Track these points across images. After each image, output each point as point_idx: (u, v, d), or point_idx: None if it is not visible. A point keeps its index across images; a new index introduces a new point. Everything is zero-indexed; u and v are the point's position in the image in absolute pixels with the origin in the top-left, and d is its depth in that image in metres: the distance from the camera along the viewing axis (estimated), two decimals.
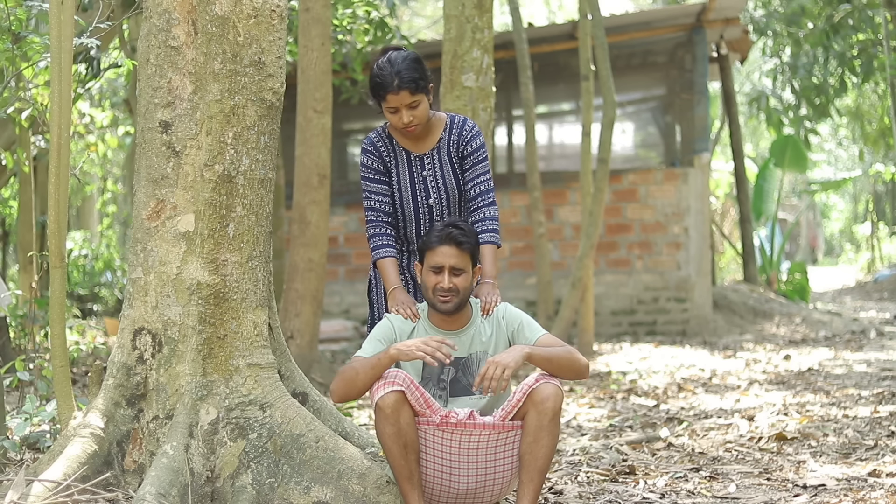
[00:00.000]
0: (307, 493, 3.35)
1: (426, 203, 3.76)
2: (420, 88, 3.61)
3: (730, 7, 10.92)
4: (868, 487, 3.89)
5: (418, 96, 3.61)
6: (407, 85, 3.57)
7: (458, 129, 3.79)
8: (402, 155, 3.77)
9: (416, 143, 3.77)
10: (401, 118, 3.62)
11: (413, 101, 3.60)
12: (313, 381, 6.61)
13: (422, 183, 3.76)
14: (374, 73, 3.63)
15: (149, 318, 3.50)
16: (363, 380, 3.27)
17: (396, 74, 3.57)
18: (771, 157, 15.02)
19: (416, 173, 3.77)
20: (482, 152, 3.80)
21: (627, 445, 5.05)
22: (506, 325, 3.51)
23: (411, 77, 3.58)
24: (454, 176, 3.78)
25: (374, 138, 3.79)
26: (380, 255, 3.73)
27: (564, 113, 12.84)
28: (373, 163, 3.76)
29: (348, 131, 12.46)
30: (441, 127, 3.79)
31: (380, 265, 3.73)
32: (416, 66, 3.61)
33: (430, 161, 3.77)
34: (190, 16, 3.52)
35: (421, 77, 3.61)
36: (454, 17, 5.77)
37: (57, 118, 3.60)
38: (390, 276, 3.68)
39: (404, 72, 3.58)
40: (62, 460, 3.25)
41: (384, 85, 3.59)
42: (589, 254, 8.97)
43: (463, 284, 3.41)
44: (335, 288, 11.35)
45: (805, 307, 12.98)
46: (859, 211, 32.04)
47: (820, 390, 6.67)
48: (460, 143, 3.78)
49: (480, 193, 3.78)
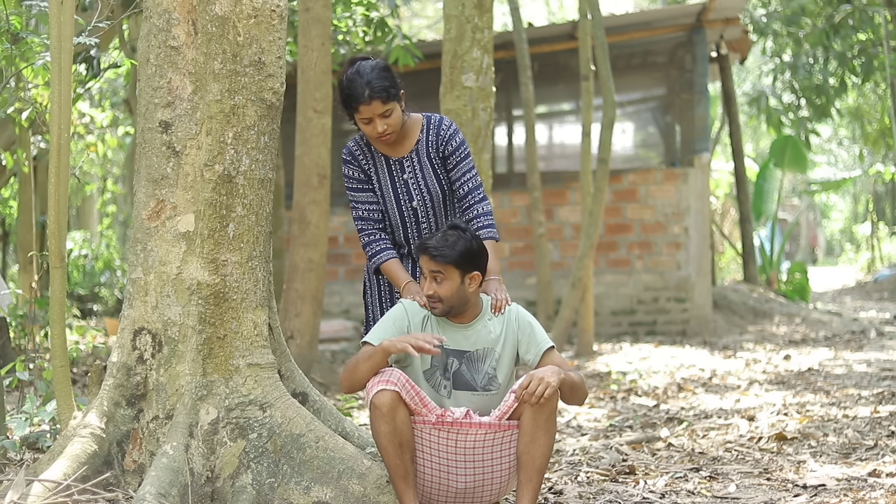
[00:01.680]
0: (307, 493, 3.35)
1: (410, 206, 3.75)
2: (391, 96, 3.57)
3: (730, 7, 10.92)
4: (868, 487, 3.89)
5: (390, 104, 3.58)
6: (378, 94, 3.54)
7: (436, 129, 3.76)
8: (381, 160, 3.76)
9: (393, 147, 3.75)
10: (375, 128, 3.60)
11: (385, 110, 3.58)
12: (313, 381, 6.62)
13: (403, 186, 3.75)
14: (344, 86, 3.60)
15: (149, 318, 3.50)
16: (362, 371, 3.30)
17: (367, 85, 3.54)
18: (771, 157, 15.02)
19: (396, 177, 3.75)
20: (464, 149, 3.78)
21: (627, 445, 5.05)
22: (517, 326, 3.51)
23: (382, 86, 3.55)
24: (436, 176, 3.76)
25: (353, 147, 3.78)
26: (382, 260, 3.73)
27: (564, 113, 12.84)
28: (353, 172, 3.76)
29: (348, 131, 12.43)
30: (417, 129, 3.76)
31: (384, 269, 3.73)
32: (385, 74, 3.58)
33: (410, 164, 3.75)
34: (190, 16, 3.52)
35: (391, 85, 3.57)
36: (454, 17, 5.77)
37: (57, 118, 3.60)
38: (399, 275, 3.68)
39: (374, 81, 3.55)
40: (62, 460, 3.25)
41: (355, 97, 3.56)
42: (589, 254, 8.97)
43: (444, 293, 3.39)
44: (335, 288, 11.35)
45: (805, 307, 12.99)
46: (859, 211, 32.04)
47: (820, 390, 6.67)
48: (439, 144, 3.76)
49: (469, 191, 3.77)
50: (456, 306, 3.43)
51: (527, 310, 3.63)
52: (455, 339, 3.47)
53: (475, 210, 3.75)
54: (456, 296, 3.40)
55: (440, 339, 3.31)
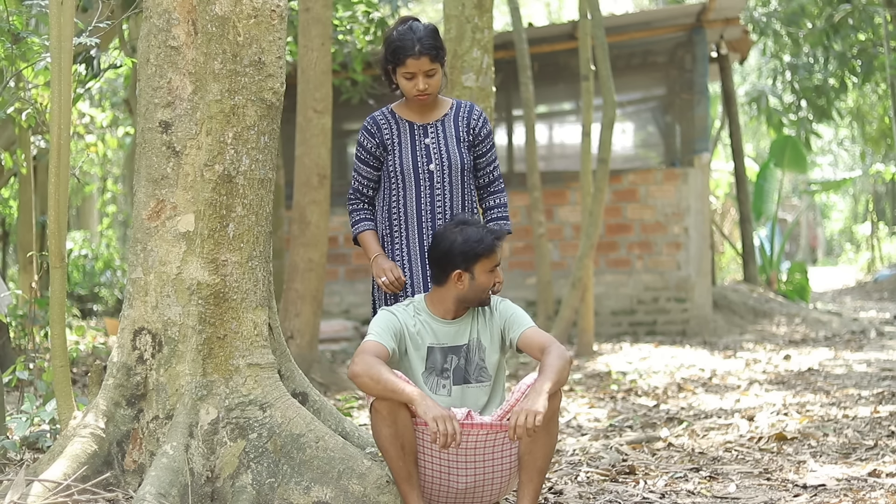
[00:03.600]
0: (307, 493, 3.35)
1: (426, 168, 3.81)
2: (439, 58, 3.72)
3: (730, 7, 10.92)
4: (868, 487, 3.89)
5: (436, 65, 3.72)
6: (428, 51, 3.68)
7: (467, 110, 3.90)
8: (405, 126, 3.84)
9: (421, 113, 3.85)
10: (416, 84, 3.72)
11: (431, 69, 3.71)
12: (313, 381, 6.61)
13: (424, 150, 3.83)
14: (394, 38, 3.72)
15: (149, 318, 3.50)
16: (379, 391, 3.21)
17: (419, 41, 3.68)
18: (771, 157, 15.02)
19: (418, 141, 3.83)
20: (492, 139, 3.94)
21: (627, 445, 5.05)
22: (499, 315, 3.52)
23: (432, 45, 3.69)
24: (458, 146, 3.84)
25: (377, 116, 3.88)
26: (360, 229, 3.87)
27: (564, 113, 12.84)
28: (368, 143, 3.85)
29: (348, 131, 12.46)
30: (447, 105, 3.91)
31: (361, 239, 3.87)
32: (436, 35, 3.74)
33: (434, 130, 3.85)
34: (190, 16, 3.52)
35: (441, 47, 3.72)
36: (454, 17, 5.77)
37: (57, 118, 3.60)
38: (372, 246, 3.82)
39: (426, 39, 3.69)
40: (62, 460, 3.25)
41: (405, 48, 3.68)
42: (589, 254, 8.96)
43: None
44: (335, 288, 11.35)
45: (805, 307, 12.98)
46: (859, 211, 32.03)
47: (820, 390, 6.67)
48: (471, 123, 3.88)
49: (493, 180, 3.93)
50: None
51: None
52: (447, 335, 3.48)
53: (495, 199, 3.93)
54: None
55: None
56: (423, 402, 3.15)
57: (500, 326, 3.51)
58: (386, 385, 3.19)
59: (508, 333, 3.49)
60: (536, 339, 3.42)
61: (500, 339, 3.52)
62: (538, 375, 3.28)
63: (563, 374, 3.27)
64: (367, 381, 3.21)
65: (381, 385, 3.19)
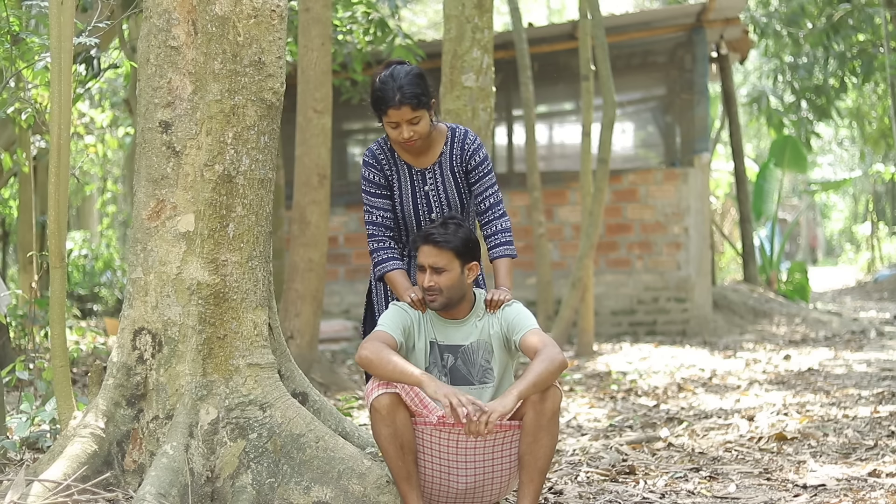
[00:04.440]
0: (307, 493, 3.35)
1: (428, 218, 3.73)
2: (422, 104, 3.56)
3: (730, 7, 10.92)
4: (868, 487, 3.89)
5: (420, 112, 3.56)
6: (409, 100, 3.53)
7: (461, 142, 3.75)
8: (404, 168, 3.74)
9: (417, 157, 3.74)
10: (401, 133, 3.58)
11: (414, 117, 3.56)
12: (313, 381, 6.61)
13: (424, 198, 3.74)
14: (376, 87, 3.59)
15: (149, 318, 3.50)
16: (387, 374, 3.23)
17: (399, 89, 3.53)
18: (771, 157, 15.02)
19: (417, 188, 3.74)
20: (487, 164, 3.78)
21: (627, 445, 5.05)
22: (504, 318, 3.52)
23: (413, 93, 3.53)
24: (457, 190, 3.76)
25: (376, 151, 3.75)
26: (387, 269, 3.69)
27: (564, 113, 12.84)
28: (374, 176, 3.73)
29: (348, 131, 12.47)
30: (442, 140, 3.75)
31: (389, 279, 3.69)
32: (418, 81, 3.57)
33: (433, 175, 3.74)
34: (190, 16, 3.52)
35: (423, 93, 3.56)
36: (454, 17, 5.77)
37: (57, 118, 3.60)
38: (402, 285, 3.65)
39: (406, 87, 3.53)
40: (62, 460, 3.25)
41: (385, 99, 3.55)
42: (589, 254, 8.97)
43: (445, 283, 3.40)
44: (335, 288, 11.35)
45: (805, 307, 12.98)
46: (859, 211, 32.04)
47: (820, 390, 6.67)
48: (463, 157, 3.75)
49: (490, 207, 3.76)
50: (454, 298, 3.44)
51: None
52: (449, 334, 3.49)
53: (494, 226, 3.75)
54: (456, 286, 3.42)
55: (479, 406, 3.18)
56: (432, 382, 3.17)
57: (504, 329, 3.52)
58: (395, 367, 3.21)
59: (512, 336, 3.49)
60: (532, 342, 3.41)
61: (504, 340, 3.52)
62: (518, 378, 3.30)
63: (543, 377, 3.23)
64: (376, 364, 3.23)
65: (391, 367, 3.21)
